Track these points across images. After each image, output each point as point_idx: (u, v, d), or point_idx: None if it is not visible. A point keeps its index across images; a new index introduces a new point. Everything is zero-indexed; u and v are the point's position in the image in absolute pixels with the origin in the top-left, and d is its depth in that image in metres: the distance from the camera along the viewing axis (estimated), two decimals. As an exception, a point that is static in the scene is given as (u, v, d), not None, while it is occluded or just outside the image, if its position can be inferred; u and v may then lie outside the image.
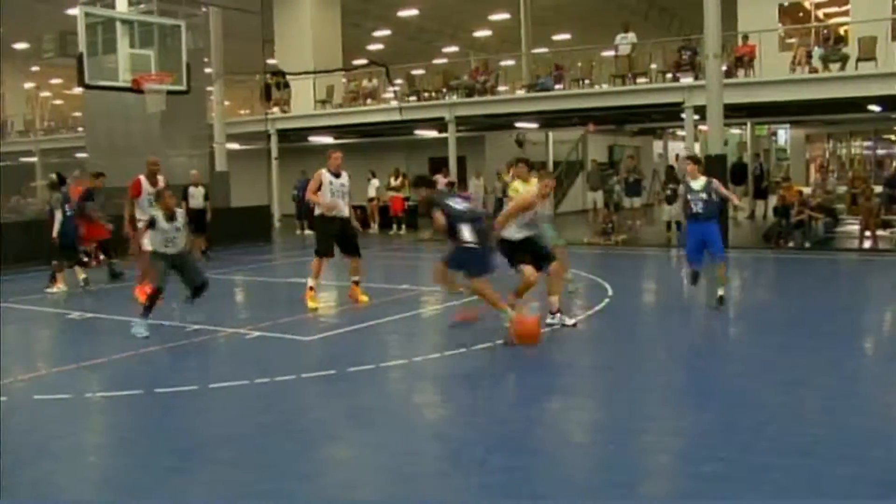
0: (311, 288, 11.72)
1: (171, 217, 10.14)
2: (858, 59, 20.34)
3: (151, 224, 10.14)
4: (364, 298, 11.99)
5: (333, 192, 11.73)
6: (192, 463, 5.70)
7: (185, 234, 10.45)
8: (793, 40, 22.93)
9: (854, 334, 10.05)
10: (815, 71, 21.13)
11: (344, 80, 30.98)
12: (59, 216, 13.87)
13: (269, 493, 5.03)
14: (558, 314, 9.86)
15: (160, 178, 12.94)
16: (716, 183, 11.09)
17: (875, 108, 23.32)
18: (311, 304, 11.56)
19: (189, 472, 5.53)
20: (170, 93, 16.16)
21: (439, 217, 8.80)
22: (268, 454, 5.74)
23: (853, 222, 19.64)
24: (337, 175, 11.89)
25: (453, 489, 5.21)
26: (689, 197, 11.05)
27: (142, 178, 12.86)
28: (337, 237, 11.80)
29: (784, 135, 32.82)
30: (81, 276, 14.03)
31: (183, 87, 16.30)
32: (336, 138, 31.88)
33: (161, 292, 10.05)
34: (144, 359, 8.84)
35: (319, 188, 11.65)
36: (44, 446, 6.04)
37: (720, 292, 10.91)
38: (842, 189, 22.39)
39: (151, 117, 19.56)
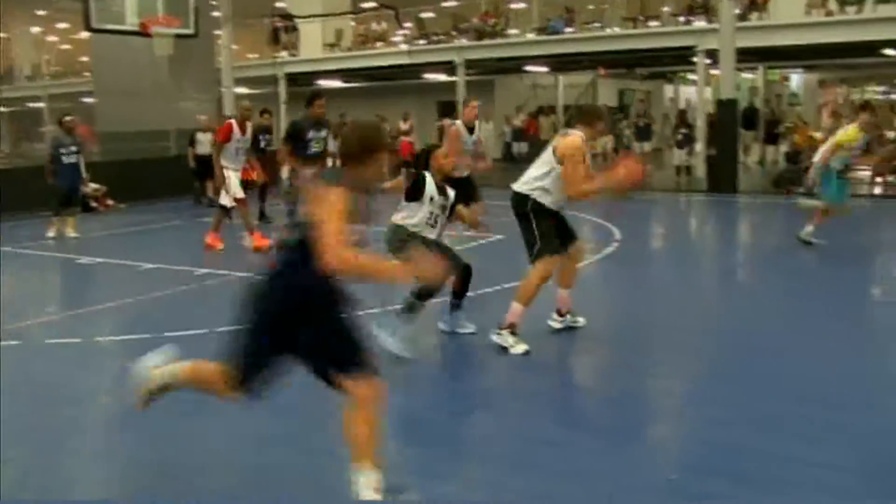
0: None
1: (442, 190, 6.94)
2: (876, 1, 20.02)
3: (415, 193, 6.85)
4: None
5: (466, 150, 10.28)
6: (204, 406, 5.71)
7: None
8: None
9: (861, 280, 10.03)
10: (831, 13, 20.84)
11: (353, 23, 30.71)
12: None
13: (273, 437, 5.06)
14: (568, 316, 7.34)
15: (248, 125, 12.29)
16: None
17: (892, 51, 22.99)
18: None
19: (200, 415, 5.53)
20: (177, 37, 16.05)
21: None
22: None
23: (864, 168, 19.44)
24: (471, 130, 10.65)
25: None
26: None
27: (233, 122, 12.19)
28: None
29: (797, 80, 32.45)
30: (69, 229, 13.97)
31: (191, 31, 16.21)
32: (345, 82, 31.69)
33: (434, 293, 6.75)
34: (155, 302, 8.88)
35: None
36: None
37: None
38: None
39: (159, 62, 19.44)
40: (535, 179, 6.83)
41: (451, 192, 6.97)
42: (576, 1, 27.17)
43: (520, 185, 6.94)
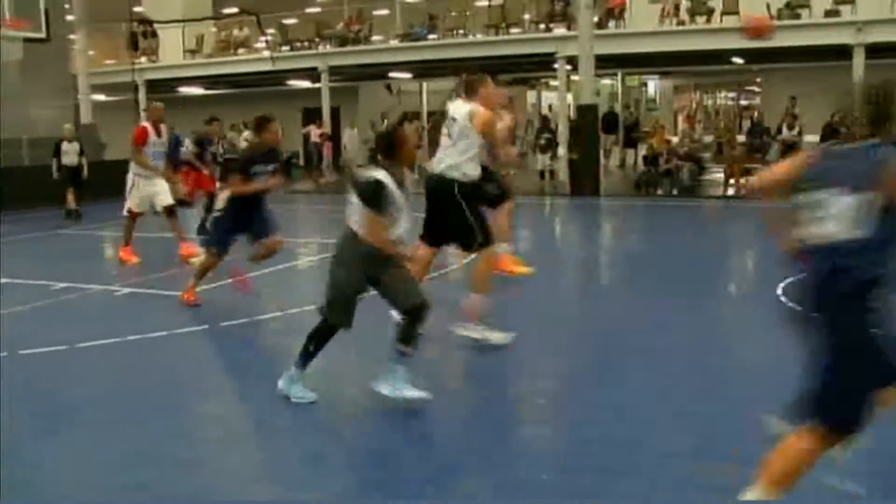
0: None
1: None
2: (723, 13, 20.91)
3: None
4: None
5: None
6: (60, 426, 5.54)
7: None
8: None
9: (713, 278, 10.45)
10: (683, 23, 21.65)
11: (214, 28, 30.15)
12: None
13: (145, 452, 4.93)
14: (476, 326, 6.92)
15: (163, 127, 11.53)
16: None
17: (738, 59, 24.04)
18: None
19: (58, 434, 5.37)
20: (28, 40, 15.43)
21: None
22: (141, 412, 5.63)
23: (718, 170, 20.33)
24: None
25: (327, 437, 5.25)
26: None
27: (147, 125, 11.41)
28: None
29: (654, 85, 33.57)
30: None
31: (42, 35, 15.59)
32: (207, 89, 31.08)
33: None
34: (8, 319, 8.51)
35: None
36: None
37: None
38: (708, 138, 23.05)
39: (8, 66, 18.63)
40: (462, 156, 6.69)
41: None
42: (439, 8, 27.38)
43: (446, 169, 6.77)
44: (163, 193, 11.49)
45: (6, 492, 4.44)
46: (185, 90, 30.38)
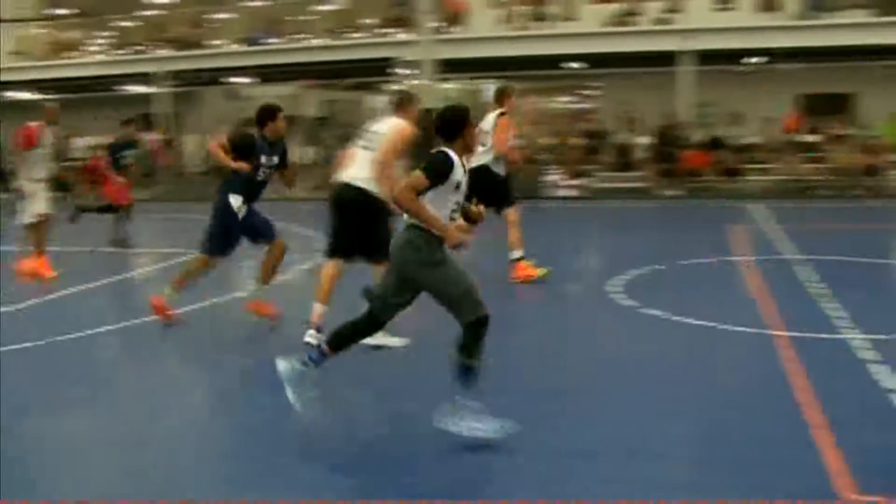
0: None
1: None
2: (564, 18, 21.41)
3: None
4: None
5: None
6: None
7: None
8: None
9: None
10: (525, 28, 22.00)
11: (44, 30, 28.89)
12: None
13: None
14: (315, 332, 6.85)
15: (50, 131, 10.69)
16: None
17: (574, 64, 24.59)
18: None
19: None
20: None
21: None
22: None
23: (556, 172, 20.68)
24: None
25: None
26: None
27: (36, 126, 10.51)
28: None
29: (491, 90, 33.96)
30: None
31: None
32: (35, 94, 29.72)
33: None
34: None
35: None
36: None
37: None
38: (548, 141, 23.44)
39: None
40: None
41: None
42: (281, 12, 27.03)
43: (362, 181, 6.75)
44: (40, 200, 10.73)
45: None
46: (12, 94, 28.95)
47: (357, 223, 6.83)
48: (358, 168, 6.81)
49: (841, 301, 8.25)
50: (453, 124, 5.04)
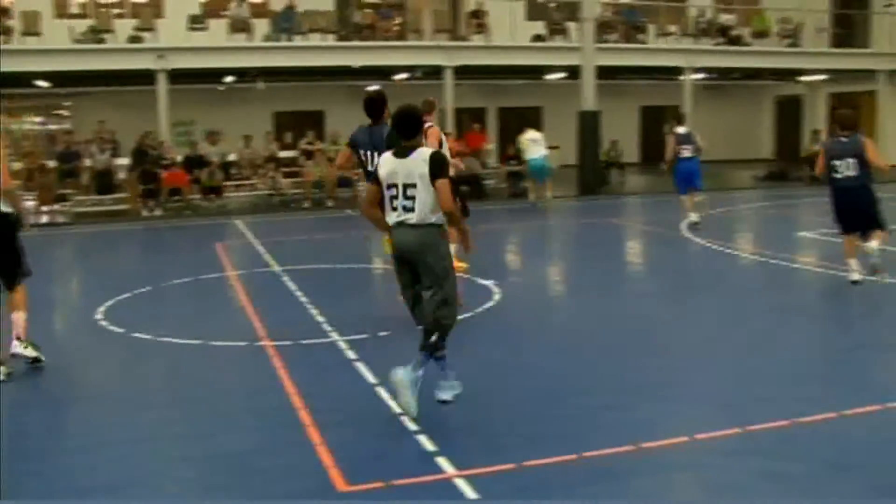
0: None
1: None
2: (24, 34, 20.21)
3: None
4: None
5: None
6: None
7: None
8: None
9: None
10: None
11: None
12: None
13: None
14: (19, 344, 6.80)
15: None
16: None
17: (43, 83, 23.20)
18: None
19: None
20: None
21: None
22: None
23: (29, 198, 19.02)
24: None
25: None
26: None
27: None
28: None
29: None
30: None
31: None
32: None
33: None
34: None
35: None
36: None
37: None
38: (16, 166, 21.29)
39: None
40: None
41: None
42: None
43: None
44: None
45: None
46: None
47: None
48: None
49: (323, 307, 8.77)
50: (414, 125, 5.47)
